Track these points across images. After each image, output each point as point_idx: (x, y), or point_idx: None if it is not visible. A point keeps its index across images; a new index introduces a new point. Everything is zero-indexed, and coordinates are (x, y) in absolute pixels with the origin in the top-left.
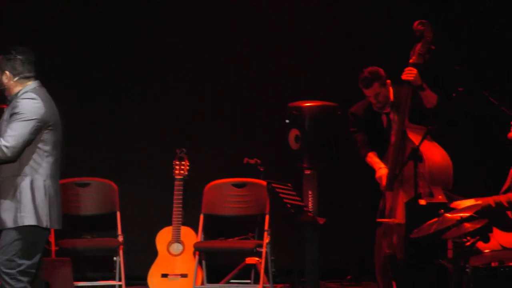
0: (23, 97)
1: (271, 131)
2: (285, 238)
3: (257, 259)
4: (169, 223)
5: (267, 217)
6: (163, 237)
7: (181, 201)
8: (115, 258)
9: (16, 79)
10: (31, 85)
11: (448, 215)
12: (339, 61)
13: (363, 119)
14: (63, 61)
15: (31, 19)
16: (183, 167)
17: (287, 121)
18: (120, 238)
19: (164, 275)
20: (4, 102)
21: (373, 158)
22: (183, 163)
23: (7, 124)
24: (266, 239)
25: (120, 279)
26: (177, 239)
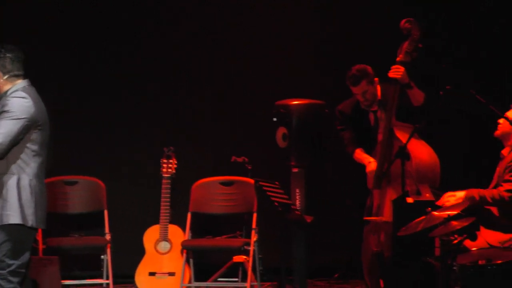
0: (13, 96)
1: (259, 129)
2: (272, 236)
3: (244, 257)
4: (156, 222)
5: (255, 215)
6: (151, 235)
7: (169, 200)
8: (102, 256)
9: (5, 77)
10: (20, 84)
11: (435, 213)
12: (327, 59)
13: (350, 117)
14: (53, 60)
15: (26, 18)
16: (170, 166)
17: (274, 119)
18: (107, 236)
19: (151, 274)
20: None
21: (361, 154)
22: (171, 161)
23: None
24: (253, 237)
25: (107, 278)
26: (164, 238)
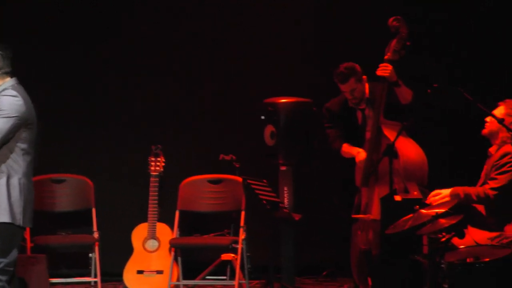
0: (4, 94)
1: (247, 128)
2: (260, 234)
3: (232, 255)
4: (144, 220)
5: (243, 213)
6: (139, 233)
7: (157, 198)
8: (90, 254)
9: None
10: (10, 82)
11: (423, 211)
12: (314, 57)
13: (338, 115)
14: (39, 58)
15: (11, 13)
16: (158, 164)
17: (262, 117)
18: (95, 234)
19: (139, 272)
20: None
21: (349, 147)
22: (159, 159)
23: None
24: (241, 235)
25: (95, 276)
26: (152, 236)
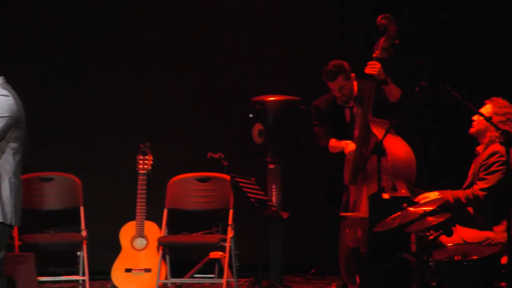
0: None
1: (235, 126)
2: (249, 232)
3: (221, 253)
4: (132, 218)
5: (231, 211)
6: (127, 232)
7: (145, 196)
8: (78, 253)
9: None
10: None
11: (411, 209)
12: (303, 55)
13: (326, 113)
14: (28, 57)
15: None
16: (146, 162)
17: (250, 115)
18: (83, 233)
19: (127, 270)
20: None
21: (336, 141)
22: (147, 157)
23: None
24: (230, 234)
25: (83, 274)
26: (140, 234)
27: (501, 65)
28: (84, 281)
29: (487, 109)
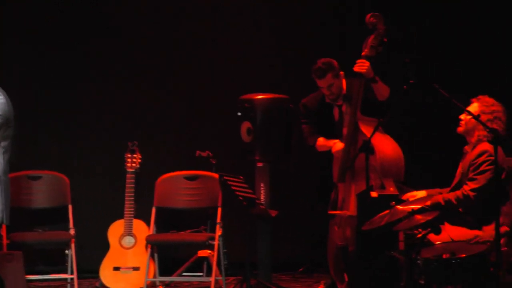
0: None
1: (223, 124)
2: (237, 230)
3: (209, 251)
4: (121, 216)
5: (219, 209)
6: (115, 230)
7: (133, 194)
8: (67, 251)
9: None
10: None
11: (399, 207)
12: (291, 53)
13: (314, 111)
14: (15, 54)
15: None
16: (134, 160)
17: (239, 113)
18: (72, 231)
19: (116, 268)
20: None
21: (324, 140)
22: (135, 156)
23: None
24: (218, 232)
25: (72, 272)
26: (129, 232)
27: (489, 63)
28: (72, 279)
29: (474, 108)
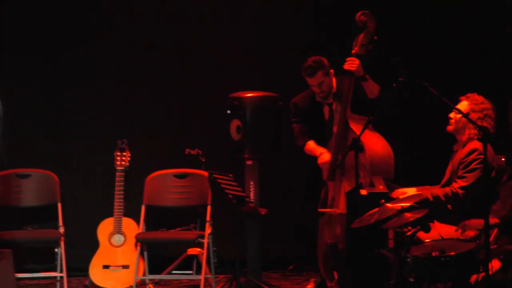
0: None
1: (213, 122)
2: (227, 228)
3: (199, 250)
4: (110, 214)
5: (209, 207)
6: (105, 228)
7: (123, 192)
8: (56, 249)
9: None
10: None
11: (389, 205)
12: (281, 52)
13: (304, 110)
14: (5, 54)
15: None
16: (124, 158)
17: (228, 111)
18: (61, 229)
19: (105, 267)
20: None
21: (312, 145)
22: (124, 154)
23: None
24: (208, 230)
25: (61, 271)
26: (118, 230)
27: (477, 62)
28: (61, 277)
29: (463, 106)
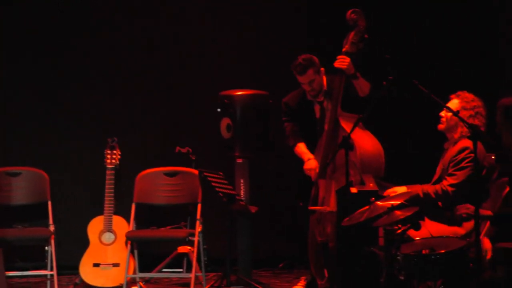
0: None
1: (203, 120)
2: (217, 226)
3: (189, 248)
4: (100, 213)
5: (199, 206)
6: (95, 226)
7: (113, 190)
8: (46, 247)
9: None
10: None
11: (379, 203)
12: (271, 49)
13: (295, 109)
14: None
15: None
16: (114, 156)
17: (218, 110)
18: (51, 227)
19: (96, 265)
20: None
21: (301, 148)
22: (115, 152)
23: None
24: (198, 228)
25: (51, 269)
26: (109, 229)
27: (470, 61)
28: (52, 276)
29: (454, 104)
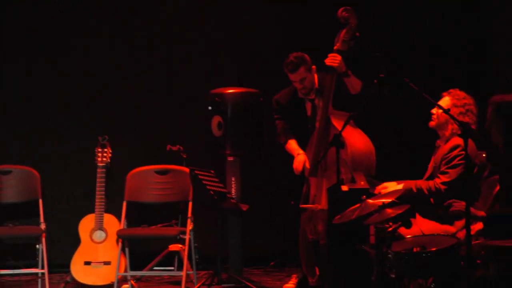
0: None
1: (194, 118)
2: (208, 225)
3: (180, 246)
4: (91, 211)
5: (190, 204)
6: (86, 224)
7: (104, 189)
8: (37, 246)
9: None
10: None
11: (370, 201)
12: (262, 47)
13: (287, 107)
14: None
15: None
16: (105, 155)
17: (209, 108)
18: (42, 226)
19: (87, 263)
20: None
21: (292, 145)
22: (106, 150)
23: None
24: (189, 226)
25: (42, 267)
26: (100, 227)
27: (459, 58)
28: (43, 274)
29: (445, 102)
